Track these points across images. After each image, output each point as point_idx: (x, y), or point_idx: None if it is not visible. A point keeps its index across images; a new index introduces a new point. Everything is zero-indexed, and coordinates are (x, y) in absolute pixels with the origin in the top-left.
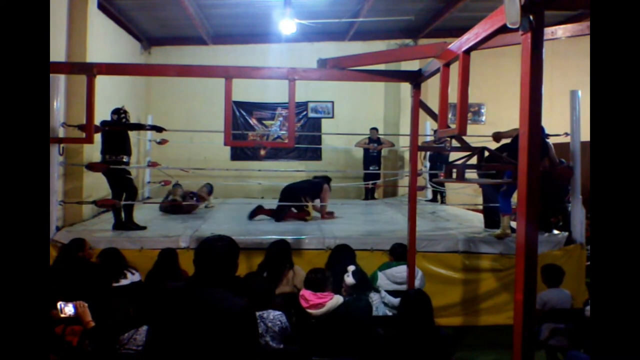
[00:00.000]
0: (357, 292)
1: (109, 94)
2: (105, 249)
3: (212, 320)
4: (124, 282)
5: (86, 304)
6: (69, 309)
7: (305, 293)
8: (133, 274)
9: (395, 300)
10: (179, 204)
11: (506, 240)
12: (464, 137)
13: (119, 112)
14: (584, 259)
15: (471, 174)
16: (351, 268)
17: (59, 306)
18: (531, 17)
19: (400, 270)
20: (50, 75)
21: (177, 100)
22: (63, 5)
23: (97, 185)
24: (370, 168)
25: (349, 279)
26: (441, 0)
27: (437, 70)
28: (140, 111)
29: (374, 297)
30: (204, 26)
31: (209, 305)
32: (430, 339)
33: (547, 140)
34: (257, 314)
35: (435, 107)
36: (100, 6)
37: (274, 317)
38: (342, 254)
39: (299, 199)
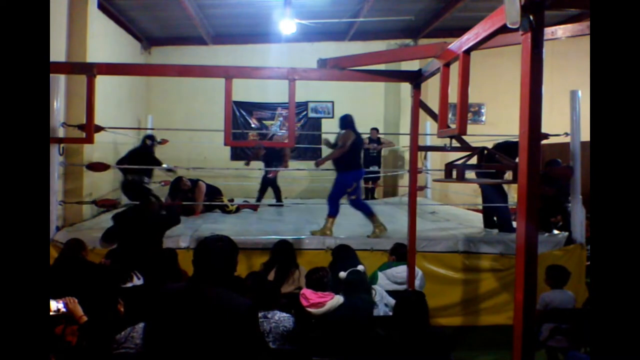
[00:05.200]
0: (350, 291)
1: (109, 94)
2: (114, 248)
3: (218, 319)
4: (128, 284)
5: (76, 300)
6: (59, 305)
7: (306, 292)
8: (139, 278)
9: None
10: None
11: (506, 240)
12: (464, 137)
13: (153, 139)
14: (584, 259)
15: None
16: (361, 268)
17: None
18: (531, 17)
19: (401, 270)
20: (50, 75)
21: (177, 100)
22: (63, 5)
23: (97, 185)
24: (370, 168)
25: (342, 273)
26: (441, 0)
27: (437, 70)
28: (140, 111)
29: (375, 297)
30: (204, 26)
31: (213, 305)
32: (425, 338)
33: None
34: (262, 313)
35: (435, 107)
36: (100, 6)
37: (279, 318)
38: (344, 255)
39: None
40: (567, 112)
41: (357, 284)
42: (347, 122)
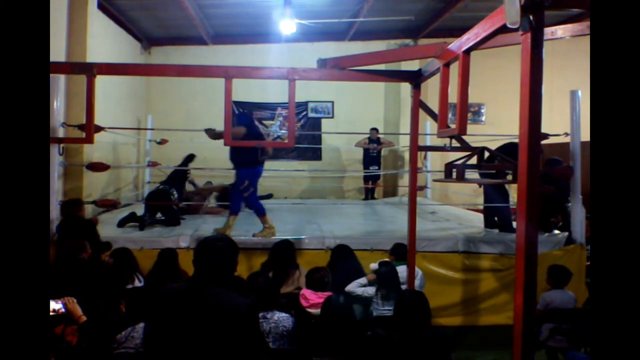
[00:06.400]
0: (385, 283)
1: (109, 94)
2: (118, 248)
3: (218, 319)
4: (129, 286)
5: (75, 300)
6: (58, 306)
7: (306, 292)
8: (140, 281)
9: None
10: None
11: (506, 240)
12: (464, 137)
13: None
14: (584, 259)
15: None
16: (374, 266)
17: None
18: (531, 17)
19: (401, 270)
20: (50, 75)
21: (177, 100)
22: (63, 5)
23: (97, 185)
24: (370, 168)
25: (374, 265)
26: (441, 0)
27: (437, 70)
28: (140, 111)
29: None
30: (204, 26)
31: (214, 305)
32: (426, 338)
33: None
34: (261, 314)
35: (435, 107)
36: (100, 6)
37: (278, 318)
38: (343, 254)
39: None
40: (567, 112)
41: (391, 275)
42: (242, 118)
